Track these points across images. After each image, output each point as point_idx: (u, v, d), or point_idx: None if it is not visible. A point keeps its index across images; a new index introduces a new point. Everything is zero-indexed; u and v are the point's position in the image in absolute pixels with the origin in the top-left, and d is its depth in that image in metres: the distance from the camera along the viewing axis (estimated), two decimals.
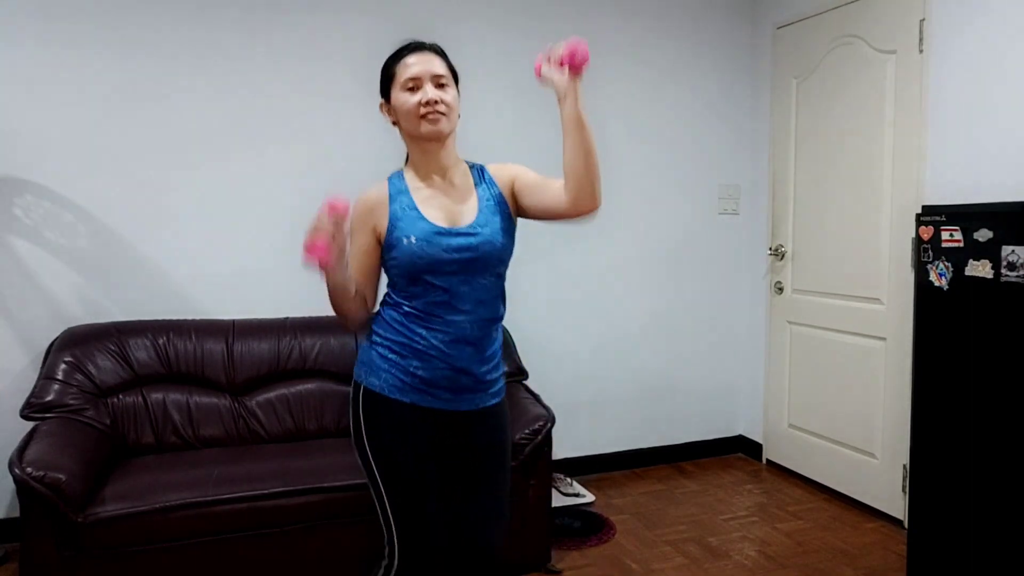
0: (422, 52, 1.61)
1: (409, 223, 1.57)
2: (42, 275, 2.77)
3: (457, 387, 1.60)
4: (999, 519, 2.23)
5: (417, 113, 1.57)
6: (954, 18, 2.74)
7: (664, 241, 3.72)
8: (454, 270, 1.57)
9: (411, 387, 1.58)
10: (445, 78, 1.61)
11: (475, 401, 1.64)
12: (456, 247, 1.57)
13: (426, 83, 1.58)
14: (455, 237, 1.57)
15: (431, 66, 1.59)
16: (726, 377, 3.91)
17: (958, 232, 2.36)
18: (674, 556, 2.74)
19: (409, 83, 1.58)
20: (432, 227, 1.57)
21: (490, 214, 1.63)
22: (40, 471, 2.01)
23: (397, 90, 1.60)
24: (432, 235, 1.56)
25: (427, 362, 1.57)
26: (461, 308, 1.58)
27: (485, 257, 1.59)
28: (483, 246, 1.59)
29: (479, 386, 1.63)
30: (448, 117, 1.59)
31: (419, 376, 1.58)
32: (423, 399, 1.59)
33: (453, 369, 1.59)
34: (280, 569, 2.27)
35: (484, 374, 1.64)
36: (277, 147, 3.04)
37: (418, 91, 1.57)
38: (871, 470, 3.15)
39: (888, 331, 3.05)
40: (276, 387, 2.78)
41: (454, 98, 1.62)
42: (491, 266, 1.62)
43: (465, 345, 1.59)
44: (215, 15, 2.92)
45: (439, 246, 1.56)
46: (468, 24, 3.28)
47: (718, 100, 3.79)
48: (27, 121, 2.72)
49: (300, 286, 3.08)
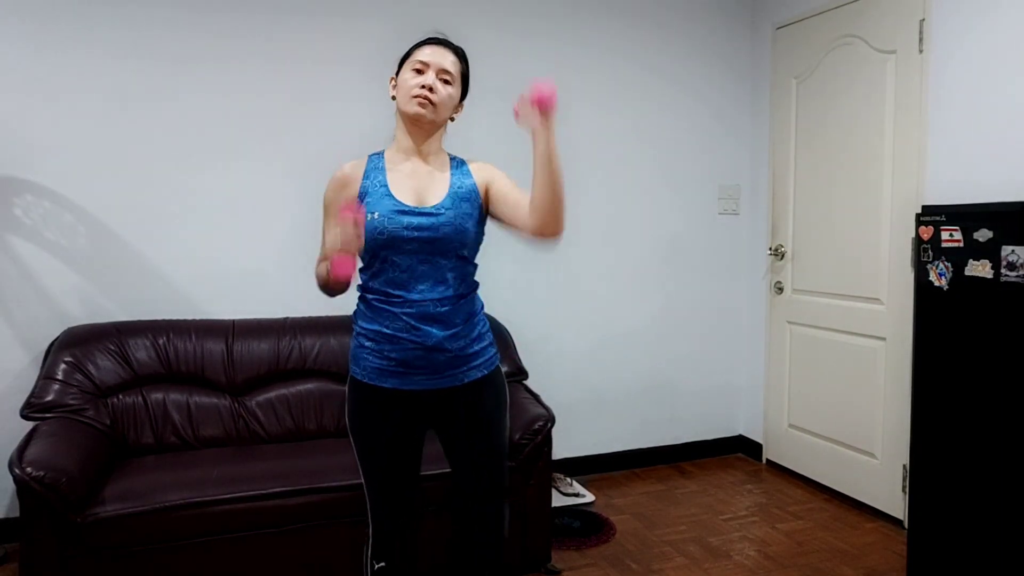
0: (443, 46, 1.71)
1: (376, 199, 1.65)
2: (42, 275, 2.77)
3: (434, 365, 1.65)
4: (999, 519, 2.23)
5: (411, 93, 1.66)
6: (954, 18, 2.74)
7: (664, 241, 3.72)
8: (413, 248, 1.63)
9: (389, 372, 1.65)
10: (451, 76, 1.70)
11: (458, 376, 1.68)
12: (416, 225, 1.63)
13: (431, 71, 1.67)
14: (416, 216, 1.63)
15: (443, 60, 1.69)
16: (726, 377, 3.91)
17: (958, 232, 2.36)
18: (674, 556, 2.74)
19: (417, 64, 1.68)
20: (396, 204, 1.64)
21: (458, 199, 1.69)
22: (40, 471, 2.00)
23: (406, 69, 1.70)
24: (394, 212, 1.63)
25: (398, 344, 1.63)
26: (420, 286, 1.64)
27: (445, 239, 1.64)
28: (443, 227, 1.64)
29: (458, 361, 1.67)
30: (436, 108, 1.67)
31: (394, 359, 1.64)
32: (403, 382, 1.65)
33: (424, 348, 1.63)
34: (280, 569, 2.27)
35: (460, 349, 1.67)
36: (277, 147, 3.04)
37: (421, 75, 1.67)
38: (871, 470, 3.15)
39: (888, 331, 3.05)
40: (276, 387, 2.78)
41: (450, 96, 1.70)
42: (452, 248, 1.66)
43: (432, 323, 1.63)
44: (215, 16, 2.92)
45: (399, 223, 1.62)
46: (468, 23, 3.28)
47: (718, 100, 3.79)
48: (27, 121, 2.73)
49: (300, 286, 3.09)
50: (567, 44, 3.46)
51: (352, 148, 3.12)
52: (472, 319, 1.71)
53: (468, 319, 1.69)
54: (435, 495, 2.37)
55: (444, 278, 1.65)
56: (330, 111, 3.10)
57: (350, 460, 2.45)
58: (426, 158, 1.73)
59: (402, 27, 3.18)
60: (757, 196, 3.83)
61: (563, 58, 3.47)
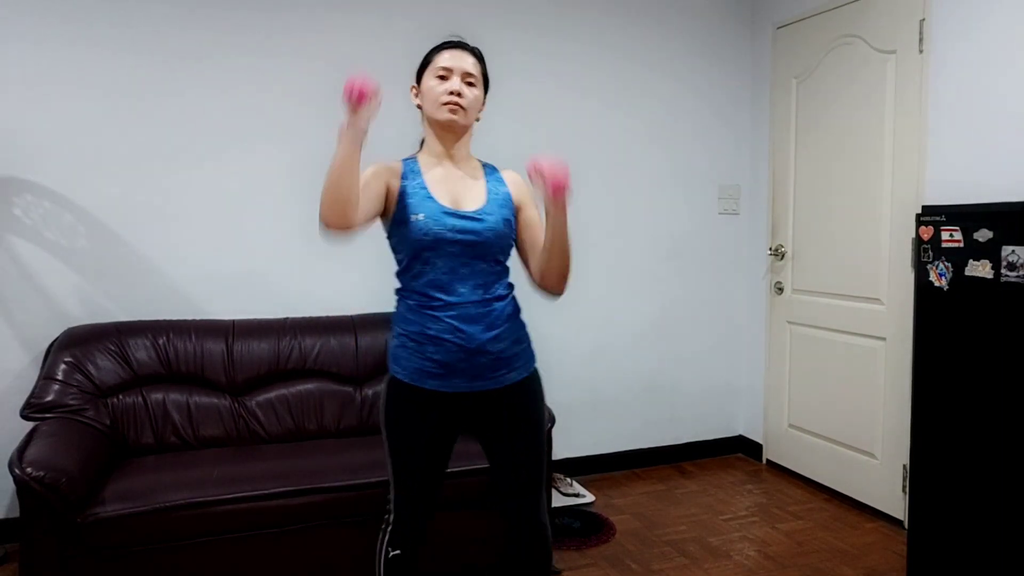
0: (460, 49, 1.74)
1: (418, 201, 1.66)
2: (42, 275, 2.77)
3: (475, 368, 1.66)
4: (999, 519, 2.23)
5: (439, 100, 1.68)
6: (954, 18, 2.74)
7: (664, 241, 3.72)
8: (456, 251, 1.65)
9: (430, 374, 1.66)
10: (474, 78, 1.73)
11: (498, 379, 1.70)
12: (460, 228, 1.65)
13: (455, 76, 1.70)
14: (461, 219, 1.66)
15: (464, 63, 1.71)
16: (726, 377, 3.91)
17: (958, 232, 2.36)
18: (674, 556, 2.74)
19: (440, 71, 1.70)
20: (440, 207, 1.66)
21: (497, 206, 1.73)
22: (40, 471, 2.00)
23: (428, 76, 1.72)
24: (440, 214, 1.65)
25: (440, 346, 1.64)
26: (461, 288, 1.66)
27: (487, 243, 1.67)
28: (486, 232, 1.67)
29: (499, 364, 1.69)
30: (466, 112, 1.70)
31: (435, 360, 1.65)
32: (443, 384, 1.66)
33: (466, 351, 1.65)
34: (280, 569, 2.27)
35: (501, 351, 1.69)
36: (278, 147, 3.04)
37: (446, 81, 1.69)
38: (871, 470, 3.15)
39: (888, 331, 3.05)
40: (276, 387, 2.78)
41: (476, 98, 1.73)
42: (491, 252, 1.69)
43: (472, 324, 1.65)
44: (215, 15, 2.92)
45: (445, 225, 1.64)
46: (465, 22, 3.28)
47: (718, 100, 3.79)
48: (27, 121, 2.72)
49: (300, 286, 3.09)
50: (565, 41, 3.46)
51: None
52: (512, 321, 1.74)
53: (508, 321, 1.72)
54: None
55: (483, 281, 1.68)
56: (331, 111, 3.09)
57: (350, 460, 2.46)
58: (458, 162, 1.76)
59: (404, 25, 3.18)
60: (757, 196, 3.83)
61: (563, 58, 3.46)
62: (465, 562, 2.45)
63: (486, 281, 1.69)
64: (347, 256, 3.15)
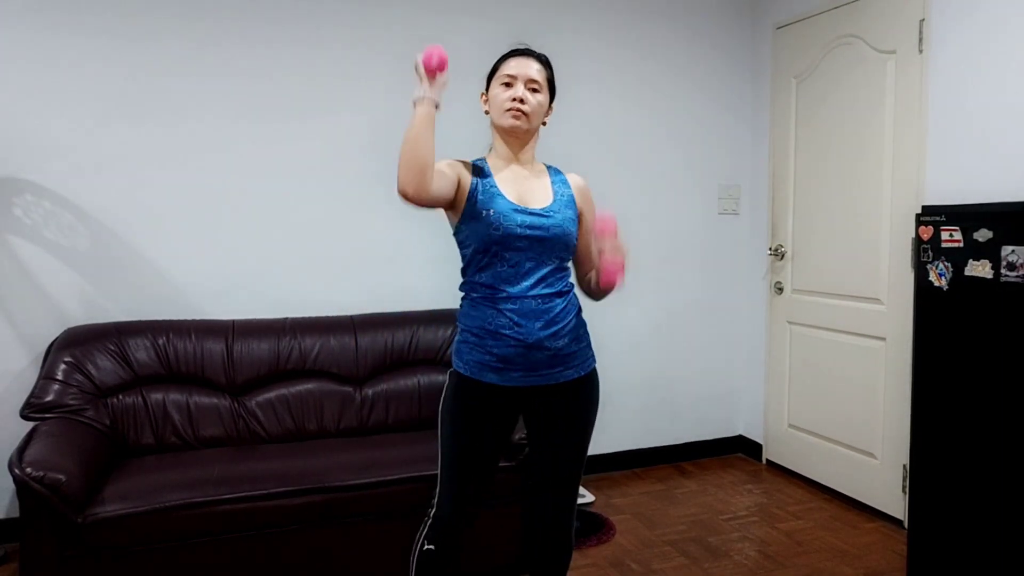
0: (526, 57, 1.80)
1: (489, 197, 1.72)
2: (42, 275, 2.77)
3: (532, 363, 1.71)
4: (999, 519, 2.24)
5: (504, 107, 1.75)
6: (954, 18, 2.74)
7: (664, 241, 3.72)
8: (523, 246, 1.71)
9: (490, 367, 1.71)
10: (538, 84, 1.78)
11: (554, 376, 1.74)
12: (529, 224, 1.71)
13: (519, 83, 1.76)
14: (529, 216, 1.72)
15: (528, 70, 1.77)
16: (726, 377, 3.91)
17: (958, 232, 2.36)
18: (674, 556, 2.74)
19: (505, 78, 1.77)
20: (510, 204, 1.72)
21: (563, 205, 1.79)
22: (40, 471, 2.00)
23: (495, 84, 1.80)
24: (510, 210, 1.71)
25: (500, 340, 1.70)
26: (525, 283, 1.71)
27: (554, 239, 1.73)
28: (554, 228, 1.73)
29: (556, 360, 1.73)
30: (529, 118, 1.76)
31: (495, 354, 1.70)
32: (501, 378, 1.71)
33: (525, 346, 1.69)
34: (280, 569, 2.27)
35: (560, 348, 1.73)
36: (277, 147, 3.04)
37: (511, 88, 1.75)
38: (871, 470, 3.15)
39: (888, 331, 3.05)
40: (276, 387, 2.78)
41: (540, 103, 1.79)
42: (557, 249, 1.75)
43: (532, 319, 1.70)
44: (216, 18, 2.92)
45: (514, 221, 1.70)
46: (463, 20, 3.28)
47: (718, 100, 3.79)
48: (27, 121, 2.72)
49: (300, 286, 3.09)
50: (563, 43, 3.45)
51: (352, 150, 3.13)
52: (572, 318, 1.78)
53: (568, 318, 1.76)
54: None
55: (546, 277, 1.73)
56: (331, 113, 3.09)
57: (350, 460, 2.46)
58: (524, 165, 1.82)
59: (407, 32, 3.18)
60: (757, 196, 3.83)
61: (563, 57, 3.46)
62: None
63: (548, 278, 1.74)
64: (347, 256, 3.15)
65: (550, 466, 1.82)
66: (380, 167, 3.09)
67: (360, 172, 3.15)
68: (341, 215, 3.13)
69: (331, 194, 3.11)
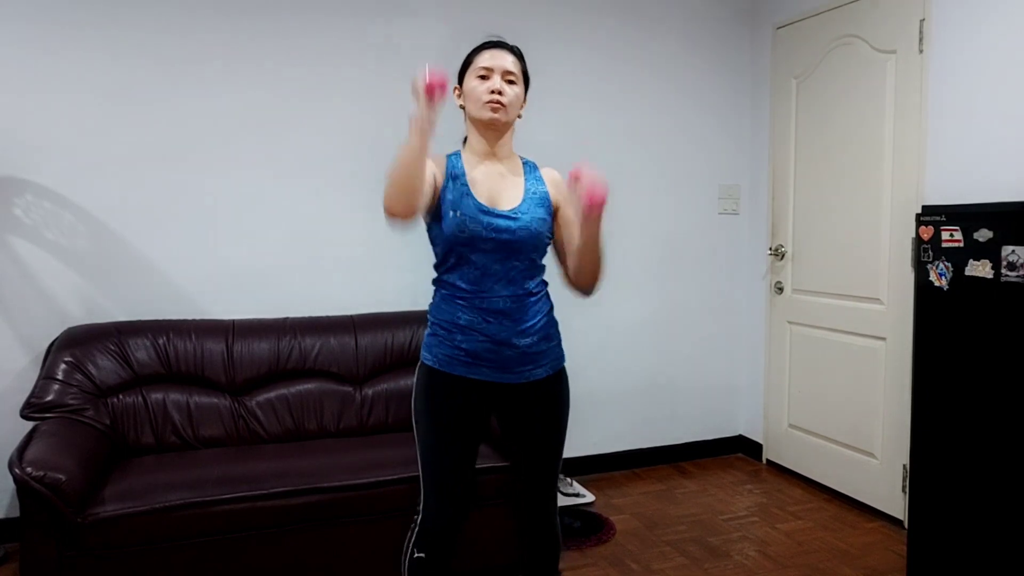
0: (500, 49, 1.77)
1: (458, 197, 1.70)
2: (42, 275, 2.77)
3: (501, 359, 1.71)
4: (999, 519, 2.23)
5: (482, 99, 1.72)
6: (954, 18, 2.74)
7: (664, 241, 3.72)
8: (490, 248, 1.69)
9: (458, 361, 1.71)
10: (514, 76, 1.76)
11: (524, 374, 1.75)
12: (495, 227, 1.69)
13: (496, 75, 1.73)
14: (497, 218, 1.70)
15: (504, 62, 1.75)
16: (726, 377, 3.91)
17: (958, 232, 2.36)
18: (674, 556, 2.74)
19: (481, 71, 1.74)
20: (479, 204, 1.70)
21: (534, 205, 1.76)
22: (40, 471, 2.00)
23: (470, 77, 1.77)
24: (477, 212, 1.69)
25: (469, 335, 1.70)
26: (493, 284, 1.70)
27: (521, 241, 1.71)
28: (520, 231, 1.71)
29: (525, 359, 1.74)
30: (507, 109, 1.74)
31: (464, 349, 1.71)
32: (470, 371, 1.71)
33: (494, 342, 1.70)
34: (280, 569, 2.26)
35: (528, 346, 1.74)
36: (277, 147, 3.04)
37: (488, 80, 1.73)
38: (871, 470, 3.15)
39: (888, 331, 3.05)
40: (276, 387, 2.78)
41: (517, 95, 1.77)
42: (525, 250, 1.73)
43: (502, 318, 1.70)
44: (215, 16, 2.92)
45: (480, 223, 1.68)
46: (461, 20, 3.28)
47: (718, 100, 3.79)
48: (27, 121, 2.72)
49: (300, 286, 3.09)
50: (565, 43, 3.46)
51: (352, 149, 3.13)
52: (542, 318, 1.78)
53: (538, 318, 1.77)
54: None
55: (515, 277, 1.73)
56: (330, 111, 3.10)
57: (350, 460, 2.46)
58: (500, 159, 1.80)
59: (398, 28, 3.18)
60: (757, 196, 3.83)
61: (561, 57, 3.46)
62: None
63: (519, 278, 1.73)
64: (347, 256, 3.15)
65: (528, 466, 1.83)
66: (381, 167, 3.09)
67: (361, 172, 3.14)
68: (341, 215, 3.13)
69: (331, 194, 3.12)
